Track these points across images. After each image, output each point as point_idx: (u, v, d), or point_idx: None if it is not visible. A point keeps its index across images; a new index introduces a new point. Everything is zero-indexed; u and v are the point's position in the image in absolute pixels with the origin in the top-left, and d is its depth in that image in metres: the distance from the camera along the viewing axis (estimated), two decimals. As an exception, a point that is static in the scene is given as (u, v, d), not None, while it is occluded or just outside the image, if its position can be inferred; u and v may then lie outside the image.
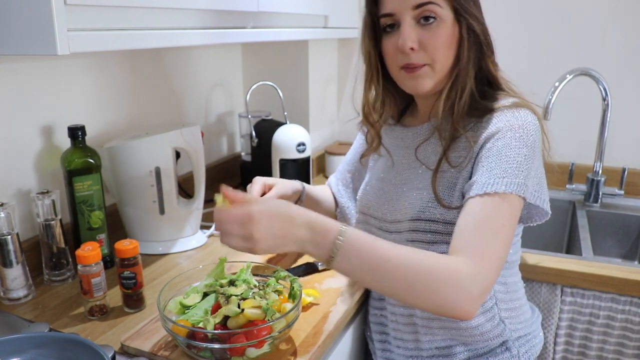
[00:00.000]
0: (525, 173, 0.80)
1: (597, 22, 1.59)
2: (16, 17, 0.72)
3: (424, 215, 0.89)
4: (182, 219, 1.21)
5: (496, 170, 0.80)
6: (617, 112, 1.56)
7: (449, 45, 0.85)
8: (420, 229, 0.89)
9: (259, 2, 1.15)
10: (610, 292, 1.16)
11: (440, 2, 0.83)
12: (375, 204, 0.99)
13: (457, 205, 0.86)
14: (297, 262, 1.13)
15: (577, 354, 1.24)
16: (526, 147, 0.81)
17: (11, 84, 1.02)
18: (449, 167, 0.88)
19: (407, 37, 0.84)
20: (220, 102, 1.69)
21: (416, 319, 0.95)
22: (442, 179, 0.89)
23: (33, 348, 0.72)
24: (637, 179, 1.63)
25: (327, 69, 1.86)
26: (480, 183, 0.79)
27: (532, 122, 0.83)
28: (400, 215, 0.93)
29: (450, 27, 0.85)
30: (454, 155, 0.88)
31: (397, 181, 0.97)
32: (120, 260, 0.92)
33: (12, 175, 1.05)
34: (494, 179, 0.79)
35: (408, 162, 0.96)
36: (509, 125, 0.82)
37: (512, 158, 0.80)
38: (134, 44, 0.87)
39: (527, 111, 0.85)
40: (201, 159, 1.22)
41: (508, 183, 0.78)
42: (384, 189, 0.99)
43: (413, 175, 0.95)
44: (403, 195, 0.94)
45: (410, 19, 0.85)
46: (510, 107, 0.85)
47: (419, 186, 0.92)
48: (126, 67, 1.29)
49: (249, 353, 0.77)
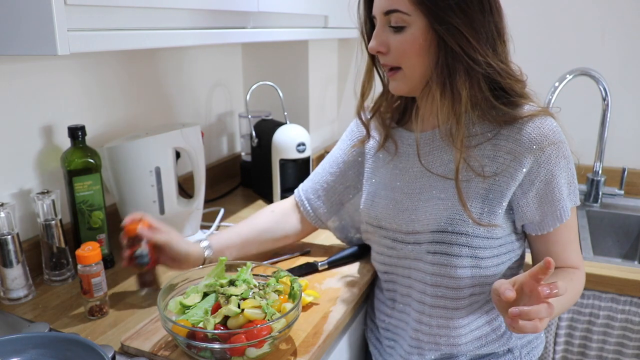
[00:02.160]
0: (576, 184, 0.89)
1: (597, 22, 1.59)
2: (16, 17, 0.72)
3: (451, 227, 0.87)
4: (182, 219, 1.20)
5: (562, 195, 0.87)
6: (617, 112, 1.57)
7: (419, 52, 0.84)
8: (446, 241, 0.87)
9: (259, 2, 1.15)
10: (610, 292, 1.16)
11: (408, 11, 0.82)
12: (388, 215, 0.95)
13: (488, 220, 0.86)
14: (297, 262, 1.13)
15: (577, 354, 1.24)
16: (570, 161, 0.87)
17: (11, 84, 1.02)
18: (471, 176, 0.87)
19: (374, 40, 0.88)
20: (220, 102, 1.69)
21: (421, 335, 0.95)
22: (467, 189, 0.87)
23: (33, 348, 0.72)
24: (637, 179, 1.63)
25: (327, 69, 1.86)
26: (558, 215, 0.87)
27: (560, 131, 0.86)
28: (419, 227, 0.90)
29: (422, 34, 0.83)
30: (481, 165, 0.86)
31: (409, 190, 0.94)
32: (130, 240, 0.91)
33: (12, 175, 1.05)
34: (564, 204, 0.87)
35: (420, 169, 0.93)
36: (551, 142, 0.84)
37: (567, 178, 0.87)
38: (134, 44, 0.87)
39: (552, 120, 0.86)
40: (201, 159, 1.22)
41: (574, 201, 0.89)
42: (396, 198, 0.95)
43: (428, 183, 0.92)
44: (421, 206, 0.91)
45: (382, 24, 0.87)
46: (535, 116, 0.85)
47: (440, 196, 0.89)
48: (126, 67, 1.29)
49: (249, 353, 0.77)
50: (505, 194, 0.86)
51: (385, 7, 0.84)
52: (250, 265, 0.91)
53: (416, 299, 0.94)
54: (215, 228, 1.32)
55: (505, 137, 0.86)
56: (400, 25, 0.84)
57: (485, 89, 0.84)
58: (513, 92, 0.86)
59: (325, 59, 1.83)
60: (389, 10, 0.84)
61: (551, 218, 0.87)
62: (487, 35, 0.83)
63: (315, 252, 1.17)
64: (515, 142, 0.85)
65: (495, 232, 0.87)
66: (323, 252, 1.17)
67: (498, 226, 0.87)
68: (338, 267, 1.11)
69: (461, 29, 0.80)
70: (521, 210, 0.87)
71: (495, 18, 0.84)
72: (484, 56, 0.82)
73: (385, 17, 0.85)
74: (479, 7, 0.81)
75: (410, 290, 0.96)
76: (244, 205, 1.51)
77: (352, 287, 1.03)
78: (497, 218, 0.86)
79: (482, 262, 0.88)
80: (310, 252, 1.18)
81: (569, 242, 0.91)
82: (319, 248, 1.20)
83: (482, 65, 0.82)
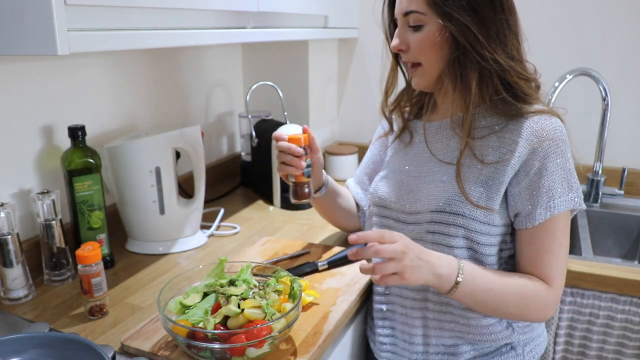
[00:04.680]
0: (577, 184, 0.89)
1: (597, 22, 1.59)
2: (16, 17, 0.72)
3: (449, 208, 0.91)
4: (182, 219, 1.21)
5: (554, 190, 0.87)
6: (617, 112, 1.57)
7: (435, 48, 0.90)
8: (443, 221, 0.91)
9: (259, 2, 1.15)
10: (610, 292, 1.16)
11: (423, 11, 0.88)
12: (394, 195, 1.00)
13: (485, 204, 0.89)
14: (297, 262, 1.13)
15: (577, 354, 1.24)
16: (569, 161, 0.88)
17: (11, 83, 1.02)
18: (474, 163, 0.91)
19: (396, 39, 0.95)
20: (220, 102, 1.69)
21: (427, 313, 0.97)
22: (467, 174, 0.91)
23: (33, 348, 0.72)
24: (637, 179, 1.63)
25: (327, 69, 1.86)
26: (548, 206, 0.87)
27: (564, 132, 0.88)
28: (420, 206, 0.95)
29: (437, 31, 0.88)
30: (484, 154, 0.91)
31: (416, 174, 0.99)
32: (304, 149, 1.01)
33: (13, 175, 1.05)
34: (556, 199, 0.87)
35: (429, 155, 0.98)
36: (550, 138, 0.86)
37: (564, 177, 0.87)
38: (134, 44, 0.87)
39: (557, 120, 0.89)
40: (201, 159, 1.22)
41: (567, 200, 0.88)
42: (402, 180, 1.01)
43: (435, 168, 0.97)
44: (424, 187, 0.96)
45: (403, 24, 0.93)
46: (541, 113, 0.89)
47: (443, 179, 0.94)
48: (126, 67, 1.29)
49: (249, 353, 0.77)
50: (503, 182, 0.89)
51: (404, 9, 0.91)
52: (250, 265, 0.91)
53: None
54: (215, 228, 1.32)
55: (510, 130, 0.90)
56: (418, 24, 0.90)
57: (497, 83, 0.88)
58: (520, 89, 0.90)
59: (325, 59, 1.83)
60: (407, 11, 0.91)
61: (540, 209, 0.87)
62: (497, 33, 0.87)
63: (315, 252, 1.18)
64: (519, 134, 0.88)
65: (493, 218, 0.90)
66: (323, 252, 1.17)
67: (494, 210, 0.89)
68: (338, 267, 1.11)
69: (470, 27, 0.85)
70: (513, 200, 0.90)
71: (507, 16, 0.88)
72: (491, 53, 0.86)
73: (404, 17, 0.92)
74: (490, 5, 0.86)
75: None
76: (244, 205, 1.51)
77: (352, 287, 1.03)
78: (494, 204, 0.89)
79: (479, 248, 0.91)
80: (310, 252, 1.18)
81: (546, 250, 0.89)
82: (319, 248, 1.20)
83: (490, 61, 0.86)
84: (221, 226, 1.35)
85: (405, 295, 0.99)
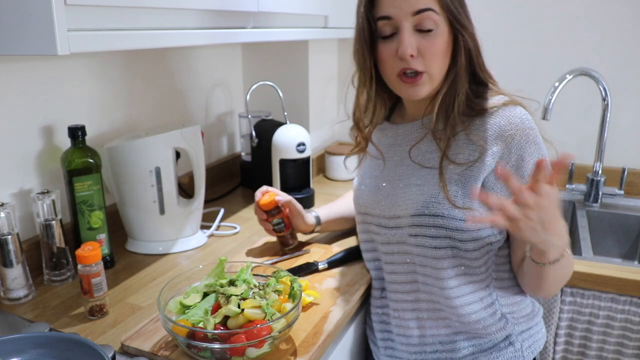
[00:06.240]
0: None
1: (597, 22, 1.59)
2: (17, 18, 0.72)
3: (427, 210, 0.91)
4: (182, 219, 1.21)
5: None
6: (617, 112, 1.56)
7: (445, 54, 0.89)
8: (424, 224, 0.91)
9: (259, 2, 1.15)
10: (609, 292, 1.16)
11: (438, 10, 0.85)
12: (372, 201, 1.01)
13: (462, 203, 0.89)
14: (297, 262, 1.13)
15: (577, 353, 1.24)
16: (541, 147, 0.89)
17: (11, 84, 1.02)
18: (446, 164, 0.91)
19: (408, 45, 0.86)
20: (220, 102, 1.69)
21: (420, 313, 0.97)
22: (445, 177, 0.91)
23: (33, 348, 0.72)
24: (637, 179, 1.63)
25: (327, 69, 1.86)
26: None
27: (530, 119, 0.89)
28: (400, 211, 0.94)
29: (446, 36, 0.88)
30: (455, 153, 0.91)
31: (390, 177, 0.99)
32: (267, 213, 1.12)
33: (13, 175, 1.05)
34: None
35: (400, 158, 0.99)
36: (519, 129, 0.87)
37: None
38: (134, 44, 0.87)
39: (521, 109, 0.90)
40: (201, 159, 1.22)
41: None
42: (379, 186, 1.01)
43: (407, 171, 0.97)
44: (400, 192, 0.96)
45: (410, 26, 0.86)
46: (505, 106, 0.90)
47: (417, 182, 0.94)
48: (126, 67, 1.29)
49: (249, 353, 0.77)
50: (478, 179, 0.89)
51: (418, 6, 0.84)
52: (250, 265, 0.91)
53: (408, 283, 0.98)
54: (215, 228, 1.32)
55: (477, 126, 0.90)
56: (430, 27, 0.86)
57: (470, 83, 0.92)
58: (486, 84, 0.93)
59: (325, 59, 1.83)
60: (421, 9, 0.84)
61: None
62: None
63: (315, 252, 1.18)
64: (486, 131, 0.89)
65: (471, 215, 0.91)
66: (323, 252, 1.17)
67: (473, 209, 0.89)
68: (338, 267, 1.11)
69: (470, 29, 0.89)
70: (496, 194, 0.90)
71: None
72: (479, 51, 0.90)
73: (413, 17, 0.86)
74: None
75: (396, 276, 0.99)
76: (244, 205, 1.51)
77: (352, 287, 1.03)
78: (472, 202, 0.89)
79: (462, 245, 0.91)
80: (310, 252, 1.18)
81: None
82: (319, 248, 1.20)
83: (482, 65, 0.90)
84: (221, 226, 1.35)
85: (396, 299, 1.00)
